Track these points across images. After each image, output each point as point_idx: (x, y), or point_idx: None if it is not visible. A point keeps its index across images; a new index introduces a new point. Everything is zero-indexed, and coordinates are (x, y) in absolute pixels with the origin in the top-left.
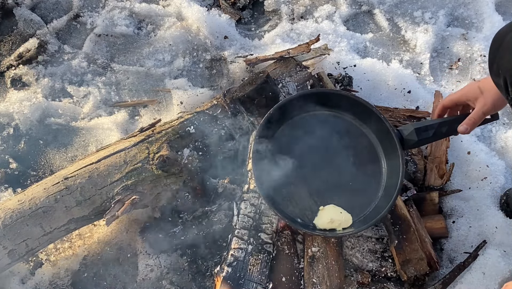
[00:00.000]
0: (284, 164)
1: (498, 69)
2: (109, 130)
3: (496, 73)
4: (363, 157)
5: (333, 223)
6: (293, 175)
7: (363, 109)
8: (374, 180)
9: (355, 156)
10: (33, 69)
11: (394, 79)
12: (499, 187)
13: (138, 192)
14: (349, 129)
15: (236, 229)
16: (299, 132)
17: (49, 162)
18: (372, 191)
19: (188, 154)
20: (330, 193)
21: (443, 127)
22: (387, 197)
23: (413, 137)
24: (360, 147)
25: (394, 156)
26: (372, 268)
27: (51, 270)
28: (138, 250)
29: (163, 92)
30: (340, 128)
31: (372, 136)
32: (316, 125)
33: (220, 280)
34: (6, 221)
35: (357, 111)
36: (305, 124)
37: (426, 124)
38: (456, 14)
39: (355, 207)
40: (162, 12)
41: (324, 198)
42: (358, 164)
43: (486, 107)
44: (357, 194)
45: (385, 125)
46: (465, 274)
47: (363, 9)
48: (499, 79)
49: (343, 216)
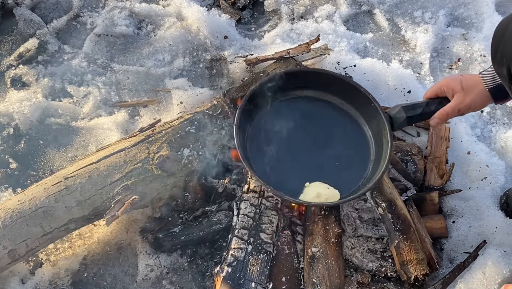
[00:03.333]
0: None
1: (502, 57)
2: (109, 130)
3: (500, 62)
4: (350, 136)
5: (319, 197)
6: (277, 153)
7: (350, 89)
8: (362, 157)
9: (342, 135)
10: (33, 69)
11: (394, 79)
12: (499, 187)
13: (138, 192)
14: (335, 110)
15: (236, 229)
16: (284, 112)
17: (49, 162)
18: (359, 168)
19: (188, 154)
20: (316, 171)
21: (431, 105)
22: (373, 176)
23: (401, 114)
24: (347, 127)
25: (382, 135)
26: (372, 268)
27: (51, 270)
28: (138, 250)
29: (163, 92)
30: (326, 110)
31: (359, 117)
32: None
33: (220, 280)
34: (6, 221)
35: (343, 91)
36: (290, 105)
37: (413, 103)
38: (456, 14)
39: (343, 184)
40: (162, 12)
41: (310, 176)
42: (345, 143)
43: (463, 105)
44: (345, 172)
45: (374, 106)
46: (465, 274)
47: (363, 9)
48: (502, 69)
49: (330, 191)
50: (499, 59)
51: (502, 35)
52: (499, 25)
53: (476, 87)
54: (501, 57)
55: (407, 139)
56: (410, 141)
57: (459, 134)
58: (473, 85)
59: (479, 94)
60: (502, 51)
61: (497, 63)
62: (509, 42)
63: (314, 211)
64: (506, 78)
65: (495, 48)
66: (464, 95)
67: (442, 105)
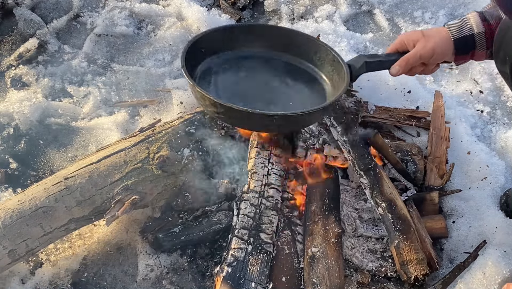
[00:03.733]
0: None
1: (504, 56)
2: (109, 130)
3: (503, 60)
4: (304, 84)
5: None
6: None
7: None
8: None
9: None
10: (33, 69)
11: (394, 79)
12: (499, 187)
13: (138, 192)
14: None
15: (236, 229)
16: (236, 64)
17: (49, 162)
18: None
19: (188, 154)
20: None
21: (392, 56)
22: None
23: (361, 59)
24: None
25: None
26: (372, 268)
27: (51, 270)
28: (138, 250)
29: (163, 92)
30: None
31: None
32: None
33: (220, 280)
34: (6, 221)
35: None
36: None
37: (375, 53)
38: (456, 14)
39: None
40: (162, 12)
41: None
42: (300, 89)
43: (425, 50)
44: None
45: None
46: (465, 274)
47: (363, 9)
48: (505, 67)
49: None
50: (502, 58)
51: (505, 35)
52: (502, 24)
53: (439, 34)
54: (504, 55)
55: (407, 140)
56: (410, 141)
57: (459, 134)
58: (435, 33)
59: (442, 40)
60: (505, 49)
61: (500, 62)
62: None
63: (314, 211)
64: (509, 76)
65: (498, 47)
66: (425, 40)
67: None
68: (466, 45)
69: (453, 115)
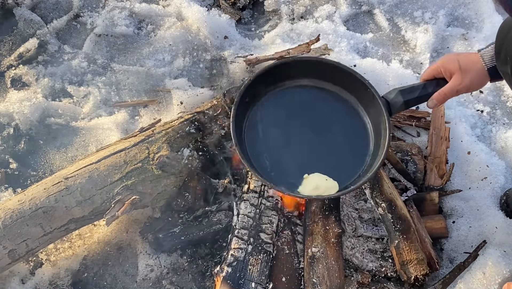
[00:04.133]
0: (266, 133)
1: (506, 56)
2: (109, 130)
3: (504, 60)
4: (348, 125)
5: (318, 190)
6: (276, 145)
7: (346, 76)
8: (360, 147)
9: (340, 124)
10: (33, 69)
11: (394, 79)
12: (499, 187)
13: (138, 192)
14: (333, 98)
15: (236, 229)
16: (281, 102)
17: (49, 162)
18: (358, 158)
19: (188, 154)
20: (314, 162)
21: (428, 88)
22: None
23: (399, 99)
24: (345, 115)
25: (380, 122)
26: (372, 268)
27: (51, 270)
28: (138, 250)
29: (163, 92)
30: (323, 98)
31: (357, 104)
32: (298, 96)
33: (220, 280)
34: (6, 221)
35: (340, 78)
36: (286, 95)
37: (410, 86)
38: (456, 14)
39: (342, 175)
40: (162, 12)
41: (308, 167)
42: (343, 132)
43: (462, 86)
44: (343, 162)
45: (371, 92)
46: (465, 274)
47: (363, 9)
48: (506, 67)
49: (328, 183)
50: (503, 58)
51: (506, 34)
52: (503, 24)
53: (474, 67)
54: (505, 55)
55: (407, 140)
56: (410, 141)
57: (459, 134)
58: (471, 65)
59: (478, 73)
60: (507, 49)
61: (501, 62)
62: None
63: (314, 211)
64: (510, 76)
65: (499, 47)
66: (462, 75)
67: (439, 87)
68: (499, 72)
69: (453, 115)
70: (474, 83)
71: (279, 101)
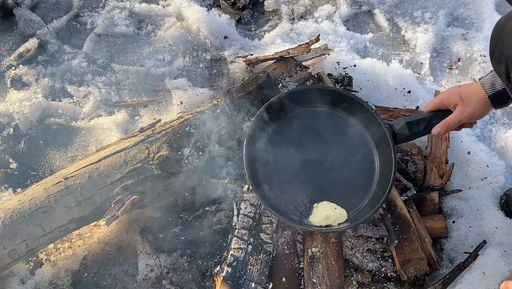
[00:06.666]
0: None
1: (500, 55)
2: (109, 130)
3: (498, 59)
4: (355, 152)
5: (328, 219)
6: (286, 172)
7: (354, 104)
8: (367, 174)
9: (347, 151)
10: (33, 69)
11: (394, 79)
12: (499, 187)
13: (138, 192)
14: (340, 125)
15: (236, 229)
16: (290, 128)
17: (49, 162)
18: (365, 185)
19: (188, 154)
20: (323, 189)
21: (434, 120)
22: (380, 192)
23: (405, 131)
24: (352, 142)
25: (386, 150)
26: (372, 268)
27: (51, 270)
28: (138, 250)
29: (163, 92)
30: (331, 125)
31: (363, 132)
32: (306, 122)
33: (220, 280)
34: (6, 221)
35: (348, 106)
36: (295, 121)
37: (417, 118)
38: (456, 14)
39: (349, 202)
40: (162, 12)
41: (317, 195)
42: (350, 160)
43: (464, 116)
44: (351, 190)
45: (377, 120)
46: (465, 274)
47: (363, 9)
48: (500, 67)
49: (337, 212)
50: (497, 57)
51: (501, 33)
52: (498, 23)
53: (476, 97)
54: (500, 55)
55: None
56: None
57: (459, 134)
58: (473, 95)
59: (479, 103)
60: (501, 48)
61: (495, 61)
62: (508, 40)
63: None
64: (504, 75)
65: (494, 46)
66: (464, 106)
67: (444, 118)
68: (501, 98)
69: None
70: (477, 112)
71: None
